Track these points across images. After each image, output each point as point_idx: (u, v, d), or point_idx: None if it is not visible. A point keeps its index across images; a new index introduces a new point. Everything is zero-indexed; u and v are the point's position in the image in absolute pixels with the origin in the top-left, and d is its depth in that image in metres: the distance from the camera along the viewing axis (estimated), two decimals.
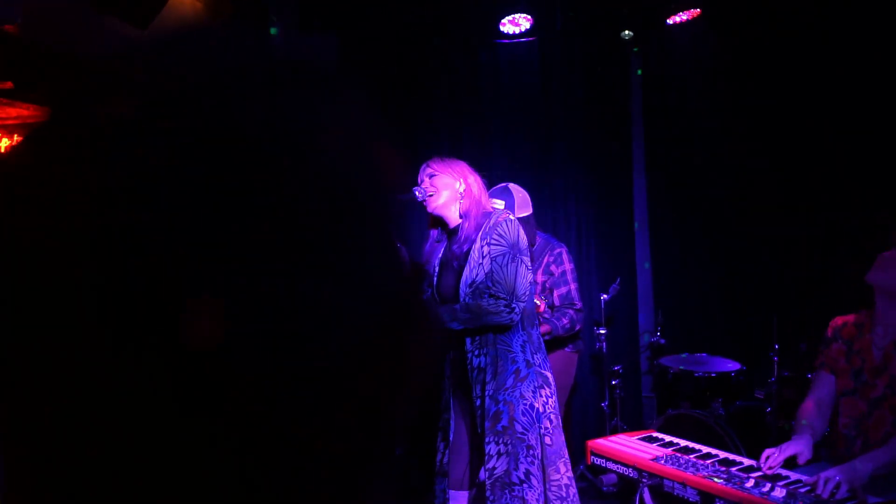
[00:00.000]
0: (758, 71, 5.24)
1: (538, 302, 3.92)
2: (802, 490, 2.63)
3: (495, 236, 3.05)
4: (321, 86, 0.50)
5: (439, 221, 3.28)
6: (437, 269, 3.27)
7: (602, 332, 5.14)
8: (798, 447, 2.92)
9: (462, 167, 3.23)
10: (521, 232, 3.11)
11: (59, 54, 3.74)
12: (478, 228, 3.11)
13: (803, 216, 4.85)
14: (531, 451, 2.99)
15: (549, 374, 3.15)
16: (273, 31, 5.65)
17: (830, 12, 4.67)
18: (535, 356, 3.10)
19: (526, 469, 2.97)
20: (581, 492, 4.90)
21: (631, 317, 6.03)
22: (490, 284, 3.03)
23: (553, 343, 4.32)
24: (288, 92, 0.46)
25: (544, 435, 3.04)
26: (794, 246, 4.89)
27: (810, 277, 4.61)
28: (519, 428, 2.99)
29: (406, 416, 0.47)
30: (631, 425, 5.62)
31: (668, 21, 5.56)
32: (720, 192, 5.55)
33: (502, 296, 3.00)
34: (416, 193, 3.28)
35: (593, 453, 3.32)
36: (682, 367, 4.78)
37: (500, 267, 3.03)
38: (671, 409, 4.51)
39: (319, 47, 6.04)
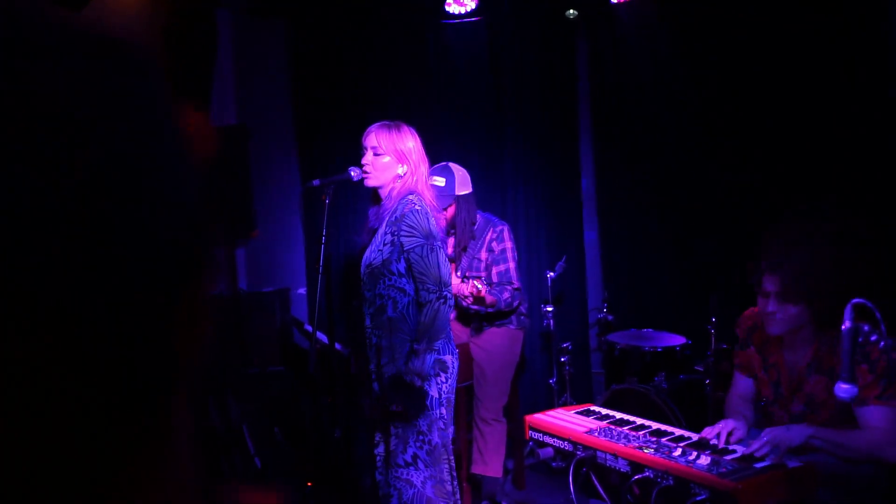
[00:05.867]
0: (702, 49, 5.28)
1: (480, 286, 3.94)
2: (727, 457, 2.69)
3: (406, 227, 3.03)
4: (115, 60, 0.49)
5: (377, 195, 3.29)
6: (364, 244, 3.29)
7: (549, 309, 5.18)
8: (732, 423, 2.95)
9: (408, 145, 3.16)
10: (432, 219, 3.10)
11: None
12: (392, 212, 3.11)
13: (744, 196, 4.92)
14: (421, 437, 3.04)
15: (447, 359, 3.17)
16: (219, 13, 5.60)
17: None
18: (435, 342, 3.12)
19: (414, 453, 3.03)
20: (530, 469, 4.98)
21: (580, 294, 6.09)
22: (416, 276, 3.06)
23: (497, 319, 4.36)
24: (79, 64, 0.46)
25: (438, 420, 3.09)
26: (736, 223, 4.97)
27: (749, 252, 4.69)
28: None
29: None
30: (581, 402, 5.67)
31: (612, 0, 5.59)
32: (666, 172, 5.61)
33: (432, 287, 3.04)
34: (352, 174, 3.28)
35: (531, 428, 3.35)
36: (629, 343, 4.85)
37: (421, 258, 3.04)
38: (615, 384, 4.57)
39: (268, 30, 6.00)
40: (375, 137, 3.16)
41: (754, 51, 4.90)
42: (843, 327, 2.28)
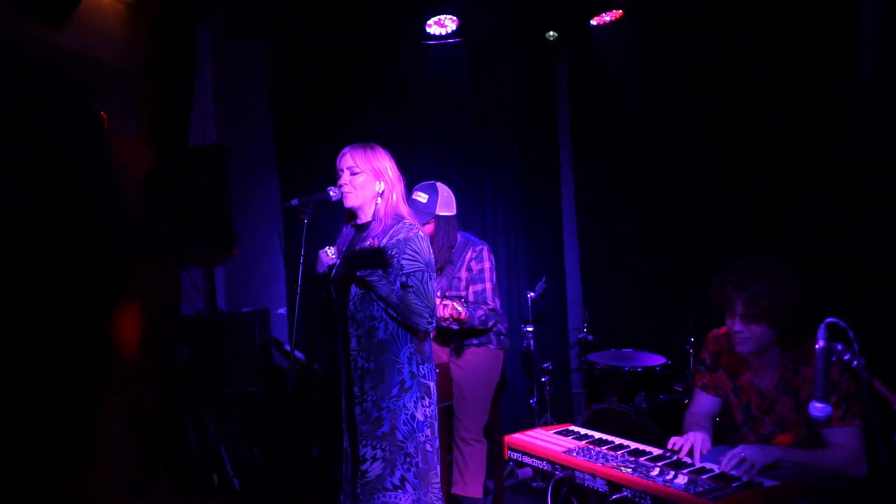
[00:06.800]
0: (679, 70, 5.34)
1: (460, 308, 3.94)
2: (704, 476, 2.69)
3: (410, 251, 3.08)
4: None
5: (353, 215, 3.31)
6: (338, 261, 3.28)
7: (530, 329, 5.18)
8: (700, 436, 3.01)
9: (384, 164, 3.21)
10: (430, 249, 3.18)
11: None
12: (385, 232, 3.14)
13: (724, 216, 4.96)
14: (408, 459, 3.06)
15: (431, 385, 3.21)
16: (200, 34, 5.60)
17: (744, 9, 4.78)
18: (420, 367, 3.15)
19: (402, 475, 3.04)
20: (511, 489, 4.97)
21: (561, 314, 6.10)
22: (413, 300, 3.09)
23: (473, 338, 4.35)
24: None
25: (425, 443, 3.12)
26: (714, 244, 5.01)
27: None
28: (399, 436, 3.06)
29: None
30: (562, 421, 5.67)
31: (591, 22, 5.65)
32: (646, 192, 5.65)
33: (426, 313, 3.06)
34: (331, 193, 3.27)
35: (510, 448, 3.34)
36: (609, 363, 4.86)
37: (422, 283, 3.09)
38: (596, 404, 4.57)
39: (248, 49, 6.01)
40: (351, 157, 3.19)
41: (730, 70, 4.95)
42: (816, 347, 2.30)
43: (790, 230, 4.47)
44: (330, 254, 3.27)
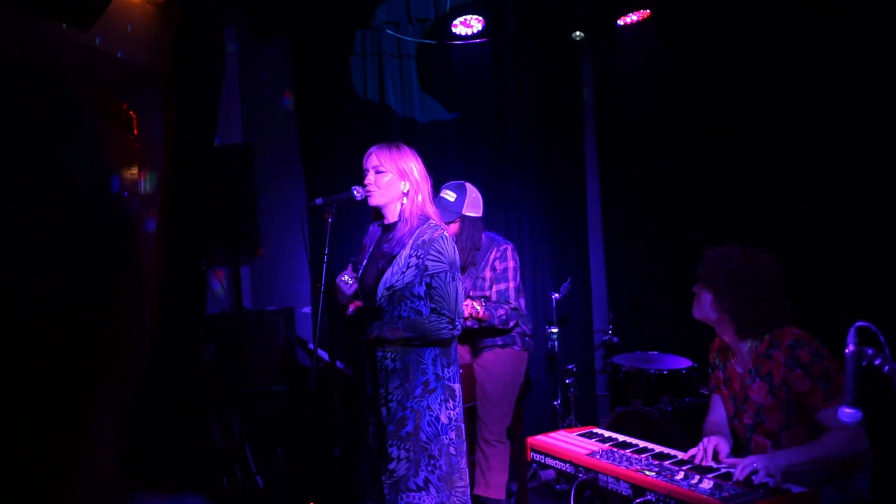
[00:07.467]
0: (706, 70, 5.28)
1: (478, 307, 3.93)
2: (730, 482, 2.66)
3: (434, 252, 3.07)
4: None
5: (380, 214, 3.30)
6: (365, 260, 3.28)
7: (554, 331, 5.16)
8: (715, 440, 2.98)
9: (410, 164, 3.20)
10: (455, 249, 3.15)
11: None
12: (411, 233, 3.12)
13: (748, 218, 4.90)
14: (433, 461, 3.04)
15: (456, 388, 3.19)
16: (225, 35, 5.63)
17: (772, 12, 4.73)
18: (445, 370, 3.13)
19: (426, 477, 3.02)
20: (534, 491, 4.94)
21: (586, 316, 6.06)
22: (433, 300, 3.09)
23: (495, 337, 4.33)
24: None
25: (449, 445, 3.10)
26: (741, 240, 4.94)
27: None
28: (423, 437, 3.04)
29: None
30: (586, 424, 5.64)
31: (618, 22, 5.61)
32: (671, 193, 5.60)
33: (447, 314, 3.06)
34: (355, 193, 3.28)
35: (533, 449, 3.33)
36: (634, 365, 4.81)
37: (444, 284, 3.08)
38: (620, 406, 4.54)
39: (273, 51, 6.03)
40: (376, 157, 3.18)
41: (757, 71, 4.89)
42: (846, 351, 2.26)
43: (823, 233, 4.41)
44: (348, 280, 3.27)
